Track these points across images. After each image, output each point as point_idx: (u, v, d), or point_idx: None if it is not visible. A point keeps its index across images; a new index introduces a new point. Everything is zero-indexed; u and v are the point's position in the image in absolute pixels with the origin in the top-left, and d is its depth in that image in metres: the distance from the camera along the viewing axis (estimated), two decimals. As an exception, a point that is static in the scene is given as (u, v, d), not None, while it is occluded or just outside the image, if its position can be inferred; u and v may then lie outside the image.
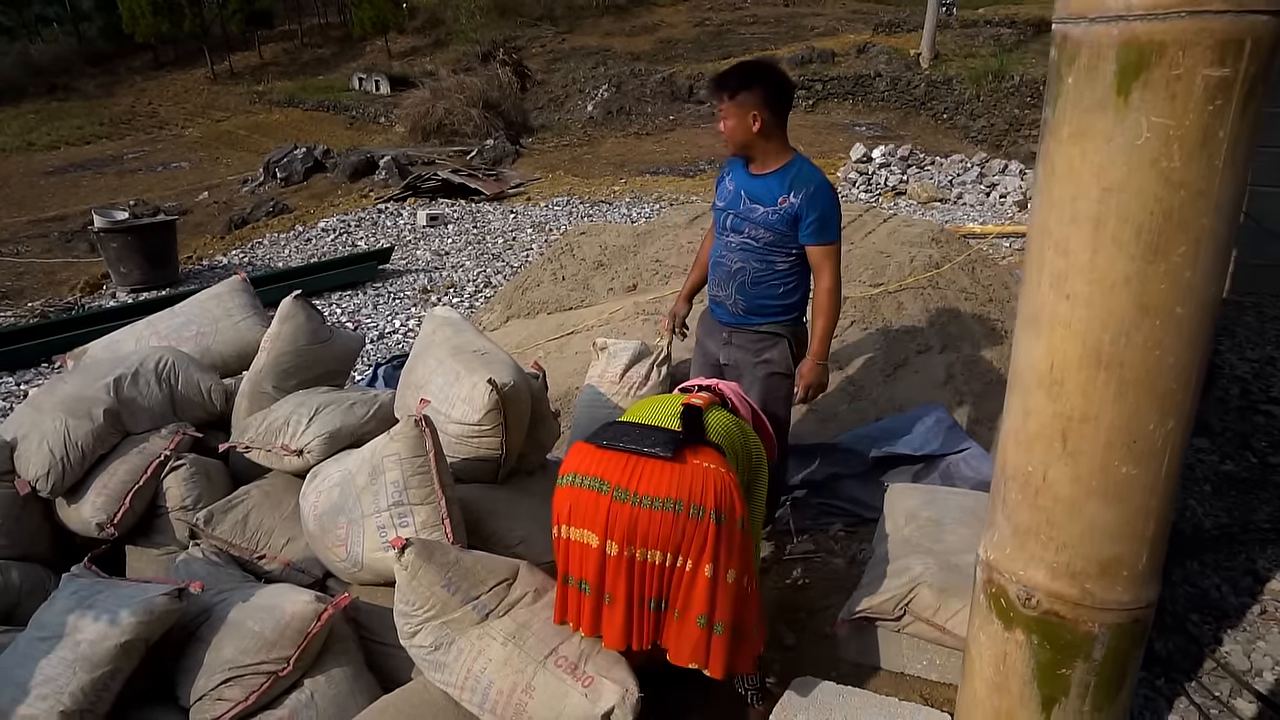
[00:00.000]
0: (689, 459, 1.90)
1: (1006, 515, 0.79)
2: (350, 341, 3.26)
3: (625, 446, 1.92)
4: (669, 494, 1.86)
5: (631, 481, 1.88)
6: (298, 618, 2.16)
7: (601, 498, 1.90)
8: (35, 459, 2.59)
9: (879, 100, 21.59)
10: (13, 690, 2.02)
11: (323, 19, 41.67)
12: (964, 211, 10.51)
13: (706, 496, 1.86)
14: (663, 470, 1.88)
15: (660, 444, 1.90)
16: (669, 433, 1.96)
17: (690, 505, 1.86)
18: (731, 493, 1.89)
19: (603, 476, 1.91)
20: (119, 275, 8.67)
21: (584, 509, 1.93)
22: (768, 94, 2.77)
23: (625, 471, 1.89)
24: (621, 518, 1.88)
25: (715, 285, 3.00)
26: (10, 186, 20.55)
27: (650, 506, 1.86)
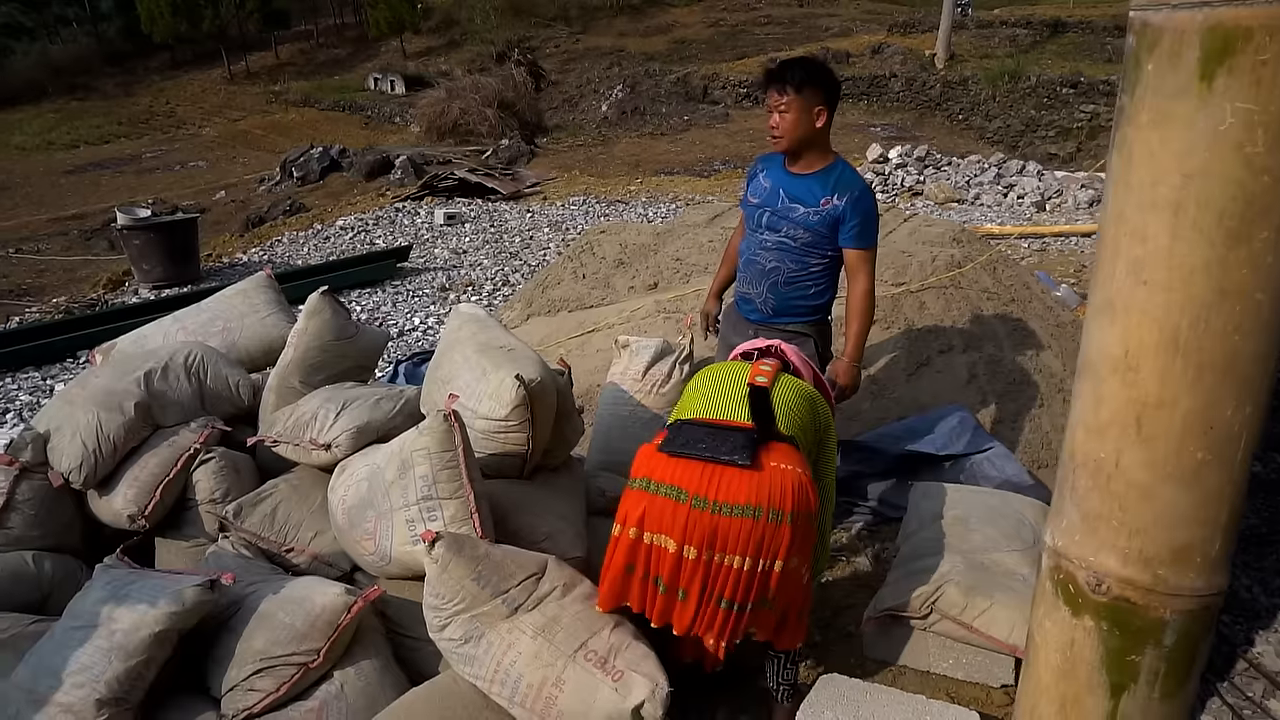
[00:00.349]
0: (765, 463, 1.91)
1: (1075, 502, 0.78)
2: (376, 337, 3.28)
3: (701, 454, 1.93)
4: (748, 501, 1.88)
5: (710, 489, 1.90)
6: (328, 610, 2.18)
7: (680, 506, 1.92)
8: (68, 451, 2.62)
9: (894, 101, 21.54)
10: (50, 679, 2.05)
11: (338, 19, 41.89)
12: (981, 212, 10.47)
13: (785, 500, 1.89)
14: (740, 477, 1.89)
15: (737, 450, 1.91)
16: (743, 434, 1.95)
17: (770, 510, 1.88)
18: (807, 492, 1.92)
19: (680, 484, 1.92)
20: (141, 272, 8.75)
21: (660, 515, 1.94)
22: (829, 91, 2.76)
23: (703, 479, 1.91)
24: (701, 525, 1.90)
25: (745, 283, 2.98)
26: (31, 185, 20.77)
27: (730, 514, 1.88)
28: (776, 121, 2.76)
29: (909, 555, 2.72)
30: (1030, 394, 3.87)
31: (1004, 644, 2.36)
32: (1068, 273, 7.15)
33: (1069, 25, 24.32)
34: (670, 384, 3.55)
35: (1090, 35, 23.59)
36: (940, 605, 2.45)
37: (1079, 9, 25.93)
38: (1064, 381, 4.00)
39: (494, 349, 2.75)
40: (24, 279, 10.96)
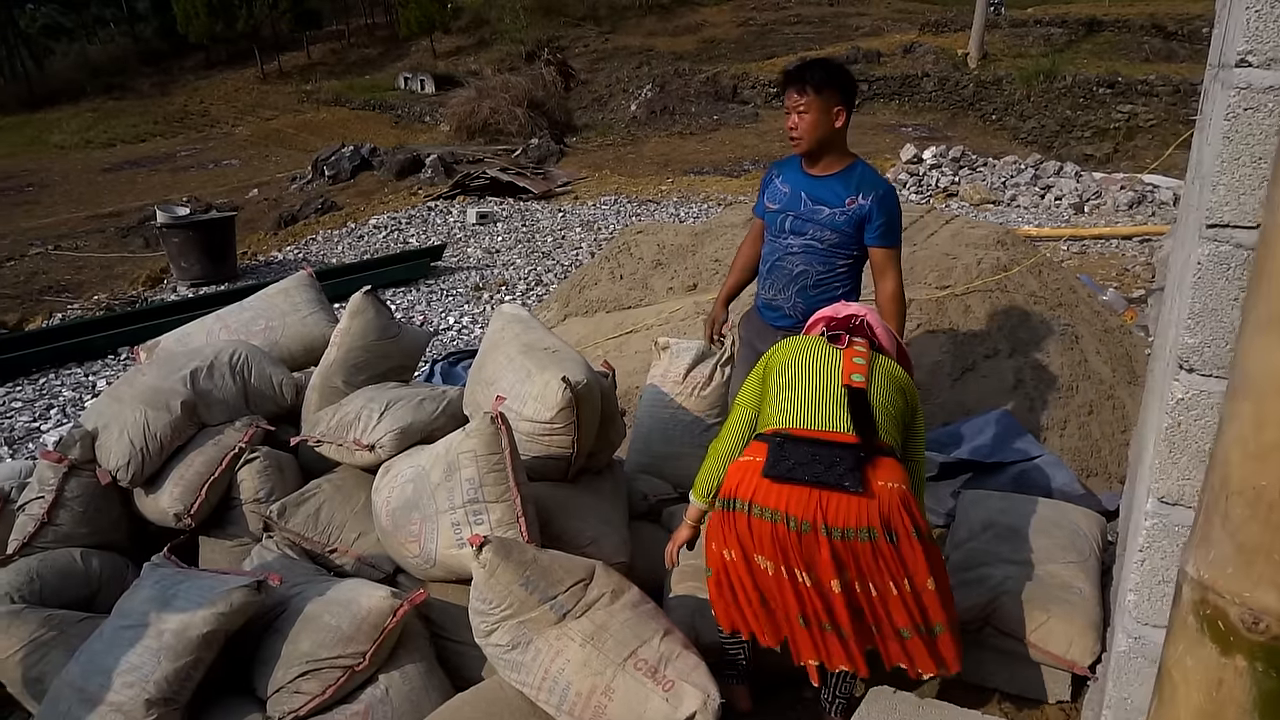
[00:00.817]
0: (873, 483, 1.89)
1: (1229, 532, 0.74)
2: (418, 336, 3.27)
3: (807, 480, 1.89)
4: (861, 524, 1.86)
5: (822, 515, 1.86)
6: (374, 613, 2.16)
7: (778, 527, 1.89)
8: (116, 449, 2.63)
9: (926, 101, 21.30)
10: (100, 677, 2.05)
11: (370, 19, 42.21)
12: (1018, 214, 10.31)
13: (891, 518, 1.87)
14: (851, 503, 1.86)
15: (846, 474, 1.87)
16: (849, 454, 1.90)
17: (885, 530, 1.87)
18: (912, 507, 1.91)
19: (789, 511, 1.88)
20: (180, 270, 8.85)
21: (763, 540, 1.92)
22: (847, 92, 2.75)
23: (812, 506, 1.87)
24: (813, 550, 1.88)
25: (771, 290, 2.93)
26: (69, 183, 21.11)
27: (844, 538, 1.86)
28: (795, 122, 2.74)
29: (960, 564, 2.66)
30: (1079, 401, 3.79)
31: (1062, 659, 2.30)
32: (1109, 276, 7.01)
33: (1105, 24, 23.91)
34: (711, 386, 3.51)
35: (1127, 34, 23.19)
36: (995, 618, 2.39)
37: (1115, 7, 25.49)
38: (1114, 388, 3.91)
39: (538, 350, 2.72)
40: (63, 275, 11.13)
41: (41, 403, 5.26)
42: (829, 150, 2.77)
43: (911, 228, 4.98)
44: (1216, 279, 1.27)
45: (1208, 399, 1.31)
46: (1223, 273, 1.26)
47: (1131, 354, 4.31)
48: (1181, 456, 1.35)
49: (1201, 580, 0.76)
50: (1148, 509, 1.40)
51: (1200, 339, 1.29)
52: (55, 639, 2.31)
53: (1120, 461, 3.63)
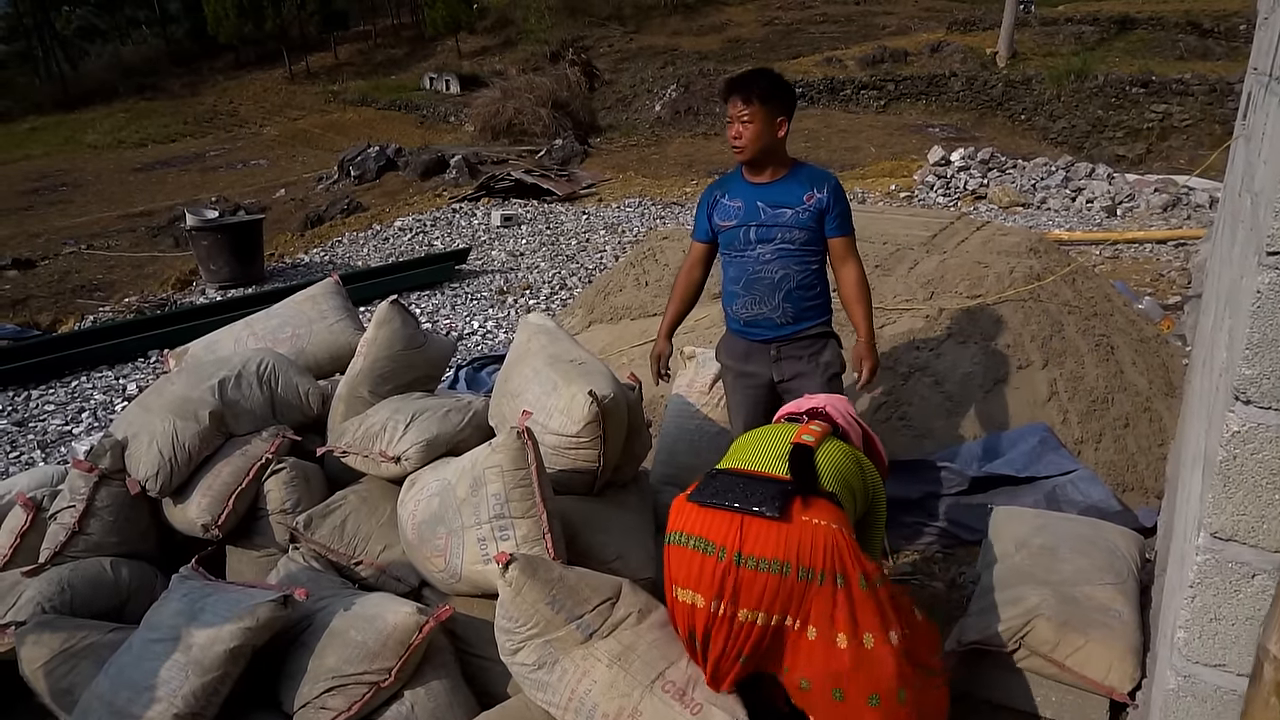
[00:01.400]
0: (797, 516, 1.81)
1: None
2: (443, 346, 3.25)
3: (729, 505, 1.85)
4: (775, 555, 1.79)
5: (738, 542, 1.81)
6: (400, 629, 2.15)
7: (707, 560, 1.84)
8: (145, 459, 2.64)
9: (953, 100, 21.07)
10: (128, 691, 2.06)
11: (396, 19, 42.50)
12: (1048, 217, 10.16)
13: (816, 557, 1.78)
14: (769, 530, 1.80)
15: (766, 501, 1.82)
16: (777, 485, 1.87)
17: (799, 567, 1.79)
18: (844, 553, 1.80)
19: (708, 537, 1.84)
20: (208, 272, 8.94)
21: (690, 570, 1.87)
22: (788, 103, 2.80)
23: (732, 532, 1.82)
24: (729, 581, 1.82)
25: (752, 306, 2.90)
26: (102, 182, 21.44)
27: (756, 568, 1.79)
28: (739, 131, 2.77)
29: (993, 584, 2.60)
30: (1115, 413, 3.71)
31: (1100, 685, 2.24)
32: (1144, 282, 6.88)
33: (1138, 21, 23.54)
34: (738, 397, 3.48)
35: (1161, 32, 22.82)
36: (1030, 641, 2.34)
37: (1149, 4, 25.09)
38: (1150, 400, 3.83)
39: (565, 362, 2.70)
40: (95, 275, 11.29)
41: (73, 406, 5.33)
42: (772, 158, 2.82)
43: (941, 235, 4.90)
44: (1277, 308, 1.21)
45: (1266, 432, 1.25)
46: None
47: (1168, 364, 4.22)
48: (1237, 491, 1.29)
49: (1287, 662, 0.72)
50: (1199, 544, 1.35)
51: (1259, 370, 1.23)
52: (85, 649, 2.31)
53: (1158, 476, 3.55)
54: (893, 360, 3.75)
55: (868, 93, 21.89)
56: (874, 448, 2.35)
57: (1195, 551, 1.37)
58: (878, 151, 16.15)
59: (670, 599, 1.98)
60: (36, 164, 24.99)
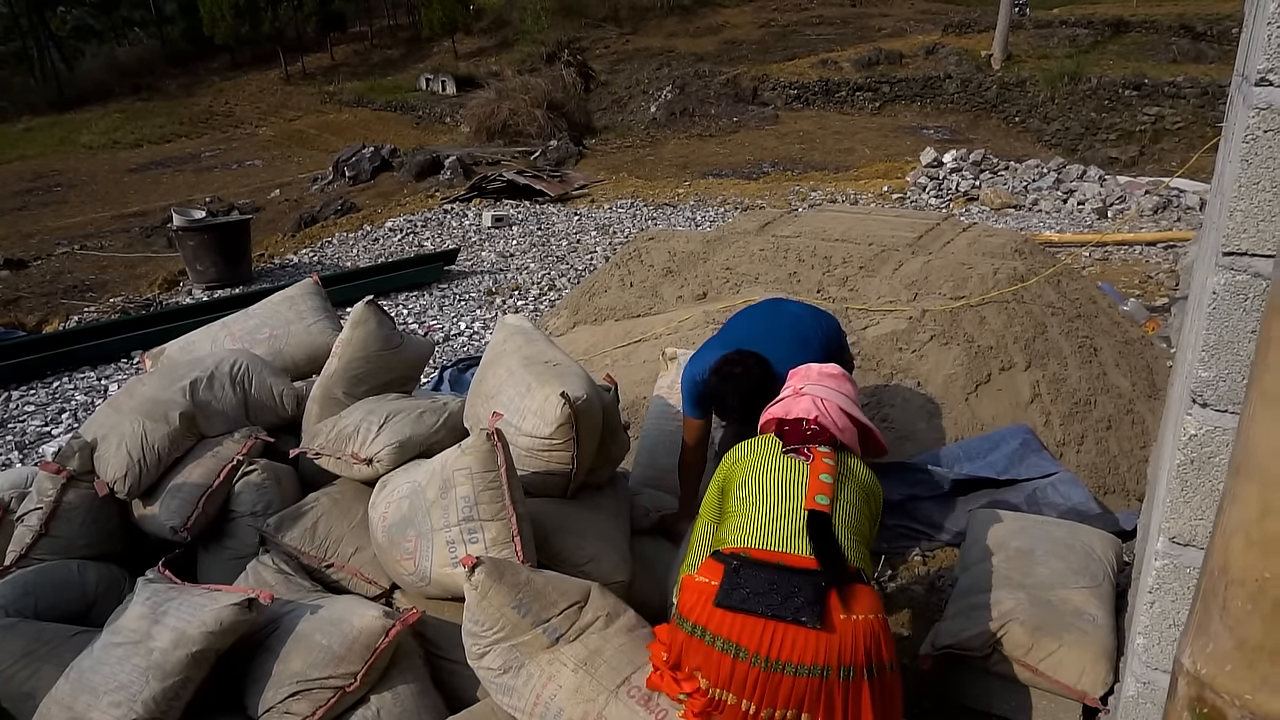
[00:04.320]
0: (835, 615, 1.72)
1: (1228, 625, 0.67)
2: (421, 347, 3.23)
3: (764, 613, 1.74)
4: (815, 661, 1.70)
5: (774, 649, 1.71)
6: (365, 632, 2.13)
7: (739, 664, 1.74)
8: (114, 461, 2.61)
9: (948, 103, 21.07)
10: (88, 695, 2.03)
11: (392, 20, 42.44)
12: (1040, 219, 10.15)
13: (858, 655, 1.72)
14: (809, 637, 1.70)
15: (804, 608, 1.72)
16: (810, 581, 1.75)
17: (840, 668, 1.71)
18: (880, 640, 1.76)
19: (739, 642, 1.74)
20: (195, 273, 8.90)
21: (717, 670, 1.77)
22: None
23: (766, 638, 1.72)
24: (762, 684, 1.73)
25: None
26: (97, 183, 21.36)
27: (795, 674, 1.71)
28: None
29: (969, 588, 2.58)
30: (1097, 415, 3.69)
31: (1072, 689, 2.23)
32: (1132, 283, 6.87)
33: (1132, 25, 23.55)
34: (718, 399, 3.46)
35: (1154, 35, 22.83)
36: (1004, 645, 2.32)
37: (1142, 7, 25.11)
38: (1133, 402, 3.81)
39: (539, 364, 2.68)
40: (87, 275, 11.24)
41: (54, 407, 5.29)
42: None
43: (928, 236, 4.89)
44: (1233, 310, 1.20)
45: (1223, 436, 1.23)
46: (1240, 304, 1.19)
47: (1152, 366, 4.20)
48: (1195, 495, 1.27)
49: (1198, 675, 0.70)
50: (1158, 548, 1.33)
51: (1215, 373, 1.22)
52: (48, 654, 2.28)
53: (1140, 479, 3.54)
54: (875, 362, 3.74)
55: (863, 94, 21.90)
56: (872, 438, 2.30)
57: (1154, 556, 1.35)
58: (872, 153, 16.13)
59: (692, 682, 1.86)
60: (31, 164, 24.90)
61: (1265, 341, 0.73)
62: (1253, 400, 0.72)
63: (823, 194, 12.14)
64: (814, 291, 4.21)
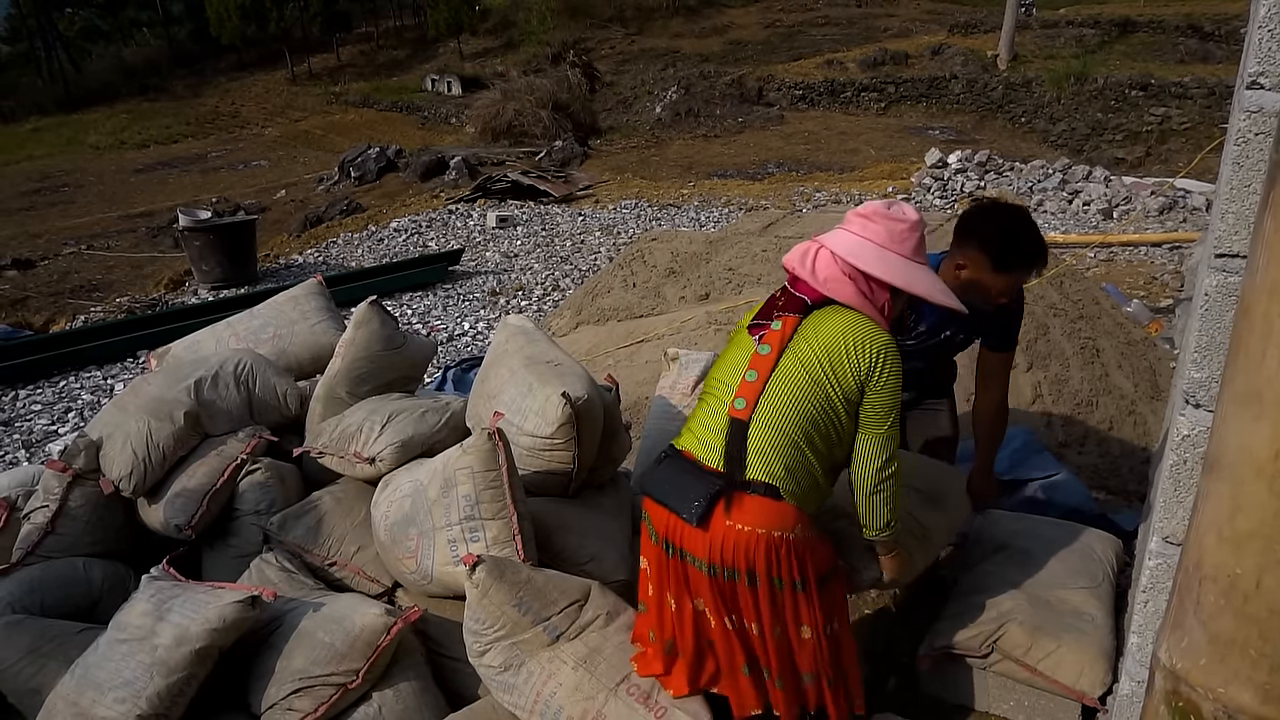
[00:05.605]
0: (714, 522, 1.79)
1: (1201, 620, 0.68)
2: (423, 348, 3.25)
3: (665, 503, 1.87)
4: (702, 556, 1.82)
5: (674, 536, 1.86)
6: (368, 630, 2.14)
7: (653, 545, 1.92)
8: (119, 459, 2.64)
9: (954, 103, 21.07)
10: (93, 691, 2.05)
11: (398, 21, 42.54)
12: (1045, 220, 10.14)
13: (737, 560, 1.79)
14: (694, 534, 1.82)
15: (687, 504, 1.81)
16: (703, 487, 1.81)
17: (723, 569, 1.81)
18: (761, 553, 1.78)
19: (653, 523, 1.91)
20: (200, 273, 8.94)
21: (646, 544, 1.95)
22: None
23: (669, 525, 1.87)
24: (671, 571, 1.88)
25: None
26: (104, 183, 21.46)
27: (694, 565, 1.84)
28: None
29: (969, 588, 2.59)
30: (1099, 416, 3.69)
31: (1071, 689, 2.23)
32: (1137, 285, 6.86)
33: (1138, 25, 23.51)
34: (720, 399, 3.47)
35: (1161, 35, 22.79)
36: (1002, 645, 2.33)
37: (1149, 8, 25.06)
38: (1135, 404, 3.81)
39: (541, 364, 2.69)
40: (94, 275, 11.29)
41: (60, 406, 5.33)
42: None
43: (931, 236, 4.89)
44: (1225, 311, 1.20)
45: (1215, 436, 1.25)
46: (1232, 305, 1.20)
47: (1155, 368, 4.20)
48: (1188, 496, 1.28)
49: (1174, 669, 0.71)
50: (1152, 548, 1.34)
51: (1207, 373, 1.22)
52: (54, 650, 2.30)
53: (1141, 480, 3.54)
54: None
55: (868, 95, 21.90)
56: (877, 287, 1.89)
57: (1148, 556, 1.36)
58: (877, 154, 16.14)
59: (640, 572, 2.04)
60: (39, 164, 25.03)
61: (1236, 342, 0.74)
62: (1224, 400, 0.73)
63: (827, 195, 12.14)
64: (816, 292, 4.21)
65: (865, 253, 1.86)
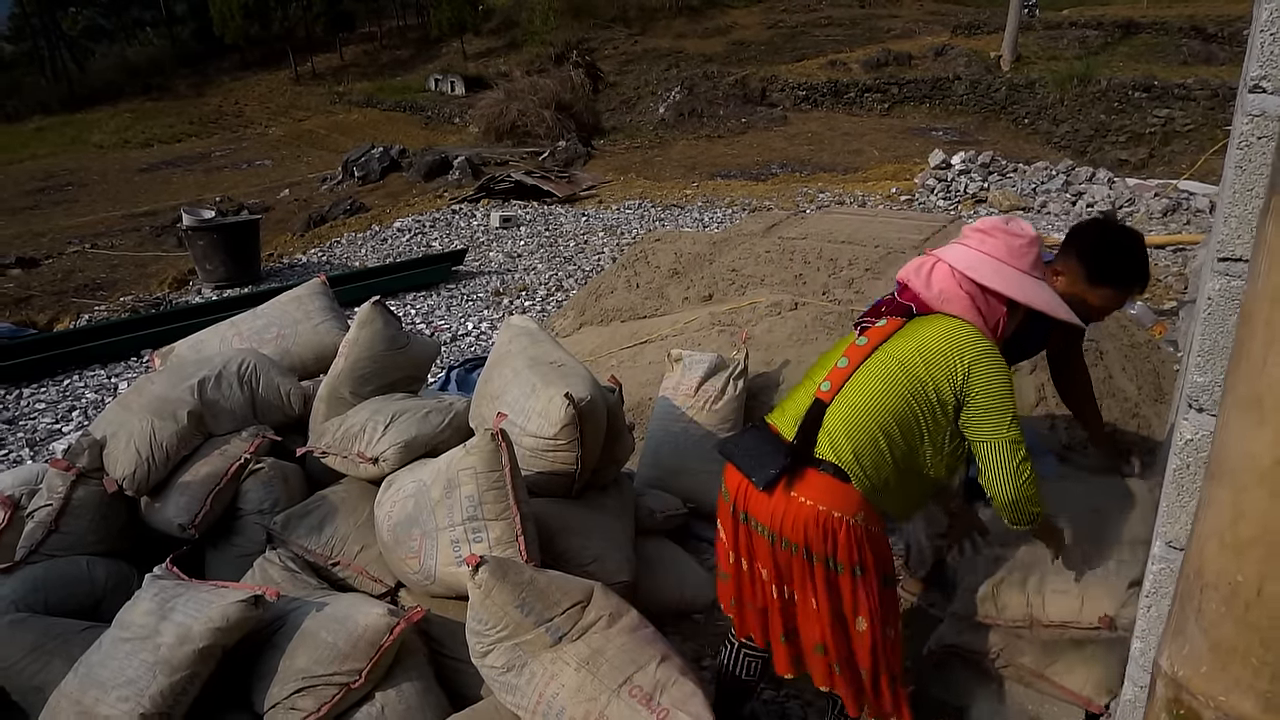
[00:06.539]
0: (781, 490, 1.84)
1: (1202, 628, 0.68)
2: (427, 348, 3.25)
3: (739, 465, 1.93)
4: (764, 522, 1.88)
5: (742, 500, 1.92)
6: (370, 630, 2.15)
7: (723, 504, 2.01)
8: (123, 458, 2.65)
9: (957, 104, 21.05)
10: (96, 690, 2.05)
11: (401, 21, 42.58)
12: (1048, 221, 10.13)
13: (796, 533, 1.83)
14: (760, 499, 1.88)
15: (758, 470, 1.87)
16: (779, 452, 1.86)
17: (782, 539, 1.85)
18: (838, 535, 1.80)
19: (727, 487, 1.98)
20: (204, 272, 8.95)
21: (722, 513, 2.02)
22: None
23: (739, 489, 1.93)
24: (741, 535, 1.95)
25: None
26: (107, 182, 21.50)
27: (759, 531, 1.90)
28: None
29: (974, 587, 2.58)
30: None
31: (1077, 696, 2.23)
32: (1140, 287, 6.84)
33: (1142, 26, 23.48)
34: (724, 400, 3.47)
35: (1164, 37, 22.75)
36: (1009, 648, 2.32)
37: (1153, 9, 25.02)
38: (1139, 406, 3.81)
39: (544, 364, 2.70)
40: (98, 274, 11.31)
41: (64, 404, 5.34)
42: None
43: (935, 238, 4.89)
44: (1228, 315, 1.21)
45: (1218, 440, 1.25)
46: (1234, 309, 1.20)
47: (1159, 370, 4.19)
48: (1191, 500, 1.28)
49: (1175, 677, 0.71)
50: (1155, 552, 1.34)
51: (1210, 378, 1.22)
52: (57, 648, 2.31)
53: (1144, 482, 3.53)
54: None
55: (871, 96, 21.89)
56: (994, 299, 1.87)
57: (1151, 560, 1.36)
58: (880, 155, 16.13)
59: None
60: (42, 163, 25.09)
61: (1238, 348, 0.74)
62: (1226, 406, 0.73)
63: (831, 195, 12.13)
64: (820, 294, 4.21)
65: (984, 267, 1.85)
